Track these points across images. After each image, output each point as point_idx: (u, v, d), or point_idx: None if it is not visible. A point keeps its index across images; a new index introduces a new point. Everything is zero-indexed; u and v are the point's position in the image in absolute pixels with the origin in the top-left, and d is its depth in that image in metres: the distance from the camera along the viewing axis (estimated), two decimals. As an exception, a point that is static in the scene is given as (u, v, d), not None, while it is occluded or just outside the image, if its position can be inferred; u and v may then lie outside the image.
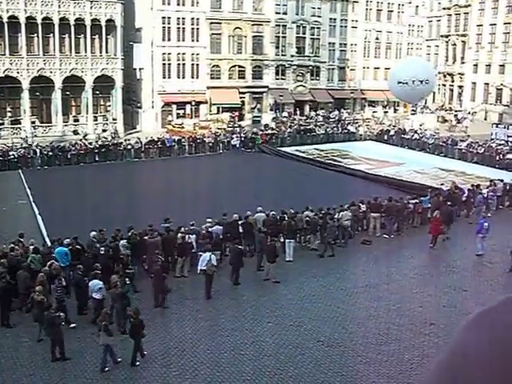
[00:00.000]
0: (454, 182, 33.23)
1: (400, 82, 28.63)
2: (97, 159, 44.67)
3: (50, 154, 43.50)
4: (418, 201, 28.85)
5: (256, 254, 23.21)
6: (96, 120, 58.64)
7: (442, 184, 32.91)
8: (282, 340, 16.94)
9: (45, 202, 31.12)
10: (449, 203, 28.49)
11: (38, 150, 43.66)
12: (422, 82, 27.29)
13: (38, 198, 32.14)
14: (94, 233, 21.97)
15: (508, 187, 32.12)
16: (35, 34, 53.80)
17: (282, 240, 24.03)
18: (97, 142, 48.44)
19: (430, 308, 19.48)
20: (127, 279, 18.30)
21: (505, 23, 70.87)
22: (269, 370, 15.21)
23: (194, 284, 20.53)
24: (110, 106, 58.98)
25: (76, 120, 58.05)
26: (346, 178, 38.54)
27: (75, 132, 55.98)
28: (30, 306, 17.76)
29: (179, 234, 22.09)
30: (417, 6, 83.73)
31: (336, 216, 25.33)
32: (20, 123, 54.72)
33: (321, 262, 23.50)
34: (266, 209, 25.28)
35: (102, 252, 20.34)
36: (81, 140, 48.95)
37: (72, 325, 17.58)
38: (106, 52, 57.76)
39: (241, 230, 23.78)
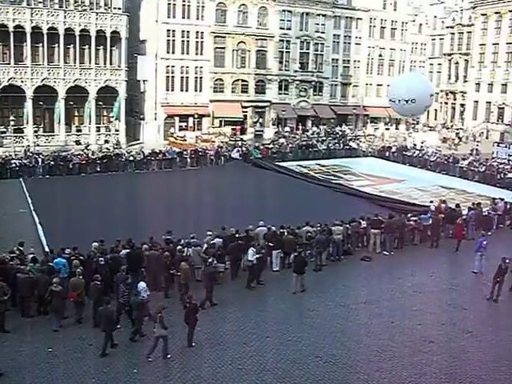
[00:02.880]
0: (442, 200, 33.10)
1: (390, 100, 28.88)
2: (98, 170, 44.69)
3: (52, 163, 43.54)
4: (418, 218, 28.84)
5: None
6: (99, 131, 58.79)
7: (431, 202, 32.76)
8: (280, 355, 16.86)
9: (45, 212, 31.09)
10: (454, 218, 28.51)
11: (39, 159, 43.70)
12: (407, 101, 27.38)
13: (38, 207, 32.13)
14: (95, 244, 21.93)
15: (509, 206, 32.10)
16: (40, 44, 54.11)
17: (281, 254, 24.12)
18: (99, 152, 48.53)
19: (430, 325, 19.40)
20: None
21: (507, 43, 71.26)
22: (266, 385, 15.13)
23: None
24: (112, 116, 59.08)
25: (79, 130, 58.20)
26: (344, 194, 38.42)
27: (77, 142, 56.10)
28: (49, 298, 18.38)
29: (178, 247, 22.10)
30: (420, 25, 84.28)
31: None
32: (23, 132, 54.86)
33: (320, 278, 23.44)
34: (265, 223, 25.39)
35: (102, 263, 20.28)
36: (83, 150, 49.06)
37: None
38: (110, 63, 58.04)
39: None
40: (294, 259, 22.84)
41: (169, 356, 16.48)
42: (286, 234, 24.66)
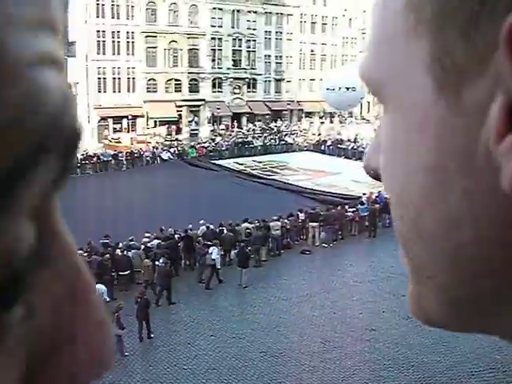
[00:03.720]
0: (371, 192, 33.64)
1: (328, 89, 29.12)
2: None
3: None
4: (355, 209, 29.29)
5: (198, 267, 23.14)
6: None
7: (364, 194, 33.27)
8: (224, 353, 16.84)
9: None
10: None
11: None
12: (348, 89, 27.76)
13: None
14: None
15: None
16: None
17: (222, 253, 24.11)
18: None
19: (370, 314, 19.74)
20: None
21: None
22: (212, 384, 15.11)
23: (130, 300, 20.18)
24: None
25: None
26: (281, 190, 38.71)
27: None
28: None
29: (117, 250, 21.81)
30: (350, 19, 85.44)
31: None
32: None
33: (261, 273, 23.52)
34: (206, 221, 25.40)
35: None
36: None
37: None
38: (39, 67, 56.60)
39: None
40: (237, 254, 22.91)
41: (126, 354, 16.50)
42: (225, 231, 24.64)
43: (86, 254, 21.39)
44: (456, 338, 17.73)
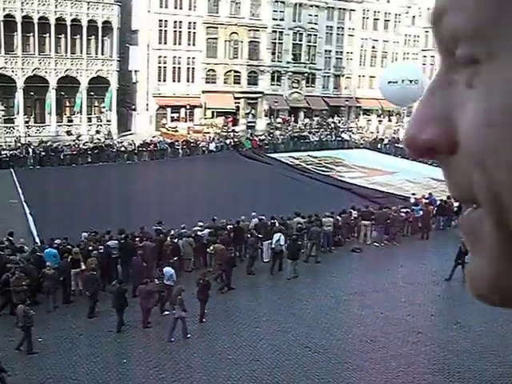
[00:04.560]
0: (423, 195, 33.14)
1: (390, 82, 28.69)
2: (89, 160, 44.55)
3: (43, 153, 43.37)
4: (409, 210, 28.92)
5: (247, 258, 23.29)
6: (90, 121, 58.52)
7: (413, 194, 32.88)
8: (269, 345, 16.91)
9: (36, 202, 30.97)
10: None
11: (30, 150, 43.52)
12: (411, 81, 27.39)
13: (29, 198, 32.01)
14: (85, 234, 21.98)
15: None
16: (31, 34, 53.66)
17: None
18: (90, 143, 48.37)
19: (418, 317, 19.49)
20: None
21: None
22: (256, 375, 15.18)
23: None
24: (104, 107, 58.81)
25: (70, 121, 57.90)
26: (334, 186, 38.47)
27: (68, 133, 55.84)
28: (42, 280, 18.87)
29: (168, 238, 22.13)
30: (413, 17, 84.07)
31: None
32: (13, 122, 54.54)
33: (310, 269, 23.50)
34: (257, 214, 25.51)
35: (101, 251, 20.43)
36: (74, 141, 48.85)
37: None
38: (102, 53, 57.69)
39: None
40: (288, 246, 23.00)
41: (189, 336, 17.07)
42: (276, 224, 24.68)
43: (137, 239, 21.84)
44: (505, 347, 17.38)
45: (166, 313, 18.39)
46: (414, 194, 32.74)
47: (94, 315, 18.41)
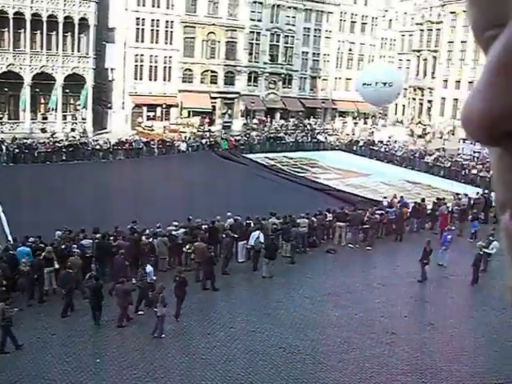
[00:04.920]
0: (394, 194, 33.38)
1: (364, 84, 28.84)
2: (64, 158, 44.13)
3: (17, 151, 42.86)
4: (383, 212, 29.13)
5: (222, 258, 23.26)
6: (65, 119, 57.99)
7: (384, 197, 33.13)
8: (244, 346, 16.93)
9: (9, 200, 30.60)
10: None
11: (3, 147, 42.97)
12: (385, 84, 27.50)
13: (1, 196, 31.57)
14: (59, 232, 21.78)
15: (472, 202, 32.60)
16: (6, 29, 53.03)
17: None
18: (65, 141, 47.90)
19: (392, 318, 19.65)
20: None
21: (475, 41, 71.97)
22: (230, 376, 15.18)
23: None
24: (79, 105, 58.32)
25: (44, 118, 57.31)
26: (309, 188, 38.54)
27: (43, 130, 55.28)
28: (17, 277, 18.89)
29: (143, 237, 22.05)
30: (390, 20, 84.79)
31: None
32: (-13, 118, 53.90)
33: (285, 269, 23.55)
34: (232, 214, 25.56)
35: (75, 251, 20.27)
36: (48, 138, 48.36)
37: None
38: (78, 51, 57.20)
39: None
40: (266, 245, 23.05)
41: (163, 336, 17.11)
42: (252, 225, 24.72)
43: (112, 238, 21.71)
44: (477, 348, 17.63)
45: (141, 312, 18.33)
46: (385, 198, 32.90)
47: (68, 315, 18.28)
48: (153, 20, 62.85)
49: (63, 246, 20.47)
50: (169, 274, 20.46)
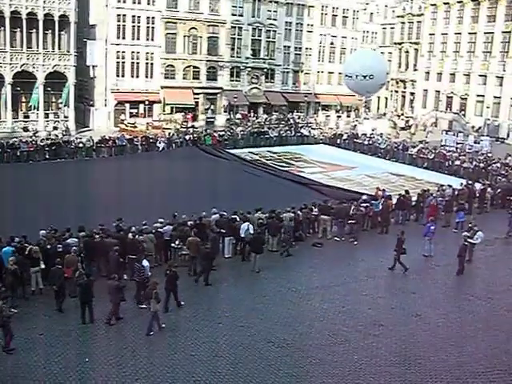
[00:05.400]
0: (378, 187, 33.36)
1: (347, 76, 28.56)
2: (47, 157, 43.80)
3: (-1, 150, 42.48)
4: (368, 204, 29.22)
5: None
6: (47, 117, 57.54)
7: (365, 194, 33.06)
8: (232, 341, 16.93)
9: (-8, 200, 30.37)
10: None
11: (-15, 146, 42.55)
12: (365, 77, 27.26)
13: (-15, 195, 31.33)
14: (43, 231, 21.63)
15: (456, 192, 32.80)
16: (-15, 28, 52.54)
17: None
18: (47, 139, 47.53)
19: (379, 310, 19.74)
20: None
21: (455, 33, 72.51)
22: (219, 371, 15.17)
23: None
24: (61, 103, 57.87)
25: (26, 116, 56.83)
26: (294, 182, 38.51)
27: (25, 129, 54.84)
28: (4, 276, 18.83)
29: (129, 234, 21.95)
30: (371, 13, 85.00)
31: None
32: (-33, 118, 53.39)
33: (272, 264, 23.56)
34: (217, 209, 25.63)
35: (60, 250, 20.16)
36: (31, 137, 47.98)
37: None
38: (59, 48, 56.77)
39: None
40: (253, 239, 23.09)
41: (151, 333, 17.14)
42: (238, 220, 24.71)
43: (97, 237, 21.60)
44: (464, 337, 17.77)
45: (144, 306, 18.36)
46: (364, 194, 32.62)
47: (62, 311, 18.35)
48: (134, 16, 62.60)
49: (48, 246, 20.33)
50: (156, 271, 20.37)
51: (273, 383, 14.76)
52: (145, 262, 19.55)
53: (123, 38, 62.38)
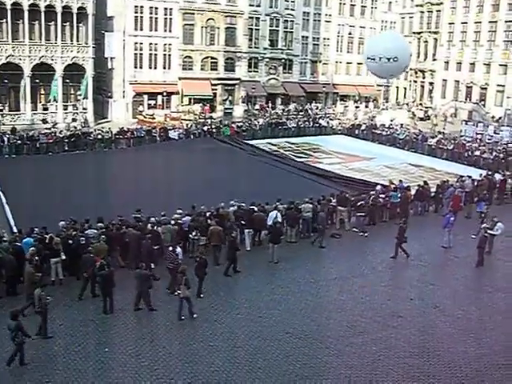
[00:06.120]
0: (390, 180, 32.95)
1: (369, 58, 27.83)
2: (66, 149, 44.11)
3: (19, 142, 42.83)
4: (387, 196, 29.06)
5: (227, 244, 23.24)
6: (66, 109, 57.88)
7: (381, 184, 32.68)
8: (251, 332, 16.96)
9: (12, 191, 30.66)
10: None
11: (5, 138, 42.92)
12: (389, 59, 26.64)
13: (5, 187, 31.63)
14: (62, 222, 21.79)
15: (476, 183, 32.52)
16: (4, 20, 52.82)
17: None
18: (66, 131, 47.83)
19: (398, 301, 19.67)
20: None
21: (475, 22, 71.62)
22: (238, 362, 15.22)
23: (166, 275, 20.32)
24: (80, 95, 58.16)
25: (45, 108, 57.20)
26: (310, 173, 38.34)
27: (44, 121, 55.22)
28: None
29: (148, 225, 22.07)
30: (390, 2, 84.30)
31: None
32: (-12, 110, 53.85)
33: (290, 255, 23.55)
34: (235, 200, 25.64)
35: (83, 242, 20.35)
36: (50, 129, 48.31)
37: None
38: (77, 40, 57.01)
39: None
40: (270, 231, 23.08)
41: (195, 316, 17.63)
42: (256, 211, 24.68)
43: (116, 227, 21.74)
44: (484, 329, 17.65)
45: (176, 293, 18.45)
46: (380, 184, 32.29)
47: (96, 295, 18.79)
48: (151, 7, 62.61)
49: (70, 241, 20.49)
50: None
51: (291, 374, 14.77)
52: (178, 249, 19.99)
53: (141, 29, 62.42)
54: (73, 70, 56.91)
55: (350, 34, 78.68)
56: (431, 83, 79.90)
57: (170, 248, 20.11)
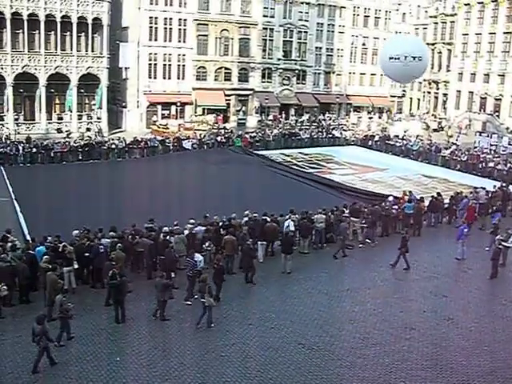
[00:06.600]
0: (404, 191, 32.75)
1: (392, 58, 26.90)
2: (80, 158, 44.36)
3: (34, 151, 43.14)
4: (400, 207, 28.92)
5: (240, 254, 23.24)
6: (80, 118, 58.30)
7: (391, 195, 32.47)
8: (262, 342, 16.90)
9: (27, 200, 30.84)
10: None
11: (20, 147, 43.25)
12: (414, 58, 26.05)
13: (19, 196, 31.84)
14: (76, 232, 21.87)
15: (490, 195, 32.33)
16: (20, 30, 53.44)
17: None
18: (80, 140, 48.13)
19: (411, 313, 19.53)
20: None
21: (490, 33, 71.50)
22: (249, 372, 15.17)
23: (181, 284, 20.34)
24: (94, 104, 58.57)
25: (60, 118, 57.65)
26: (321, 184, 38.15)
27: (59, 130, 55.62)
28: (39, 274, 19.35)
29: (161, 235, 22.11)
30: (404, 14, 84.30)
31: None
32: (3, 119, 54.33)
33: (302, 266, 23.49)
34: (247, 211, 25.54)
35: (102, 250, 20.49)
36: (64, 138, 48.64)
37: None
38: (92, 50, 57.53)
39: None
40: (282, 241, 23.07)
41: (212, 325, 17.72)
42: (268, 221, 24.65)
43: (130, 237, 21.81)
44: (497, 343, 17.48)
45: (188, 303, 19.09)
46: (390, 196, 32.05)
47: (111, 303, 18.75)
48: (166, 18, 63.04)
49: (87, 254, 20.61)
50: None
51: (303, 385, 14.70)
52: (197, 256, 20.16)
53: (155, 39, 62.87)
54: (88, 80, 57.38)
55: (363, 44, 78.75)
56: (445, 94, 79.73)
57: (189, 257, 20.29)
